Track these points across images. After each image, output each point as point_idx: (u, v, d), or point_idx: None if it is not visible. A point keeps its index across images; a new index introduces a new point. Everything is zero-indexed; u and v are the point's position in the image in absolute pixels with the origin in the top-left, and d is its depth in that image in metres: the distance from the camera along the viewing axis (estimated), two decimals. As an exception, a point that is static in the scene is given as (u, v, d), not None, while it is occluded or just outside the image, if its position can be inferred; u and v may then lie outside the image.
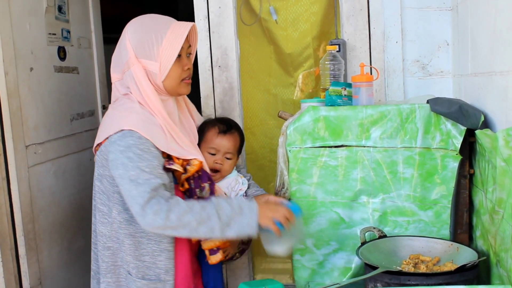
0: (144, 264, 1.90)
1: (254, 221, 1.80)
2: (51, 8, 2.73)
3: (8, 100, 2.35)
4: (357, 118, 2.03)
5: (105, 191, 1.91)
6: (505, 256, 1.59)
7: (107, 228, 1.92)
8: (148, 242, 1.89)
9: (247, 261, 2.70)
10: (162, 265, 1.90)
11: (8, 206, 2.40)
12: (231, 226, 1.78)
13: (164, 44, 1.87)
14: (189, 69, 1.96)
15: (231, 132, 2.16)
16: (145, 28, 1.91)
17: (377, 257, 1.83)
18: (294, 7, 2.78)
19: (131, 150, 1.78)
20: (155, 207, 1.74)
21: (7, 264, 2.40)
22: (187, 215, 1.76)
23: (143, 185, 1.75)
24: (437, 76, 2.50)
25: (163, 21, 1.94)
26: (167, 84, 1.92)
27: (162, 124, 1.89)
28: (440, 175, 1.98)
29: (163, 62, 1.88)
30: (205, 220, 1.76)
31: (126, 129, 1.81)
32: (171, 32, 1.89)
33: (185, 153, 1.92)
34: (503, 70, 1.71)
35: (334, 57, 2.26)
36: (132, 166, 1.77)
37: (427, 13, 2.47)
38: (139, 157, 1.78)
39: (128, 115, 1.86)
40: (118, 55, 1.96)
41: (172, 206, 1.75)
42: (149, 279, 1.90)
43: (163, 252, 1.90)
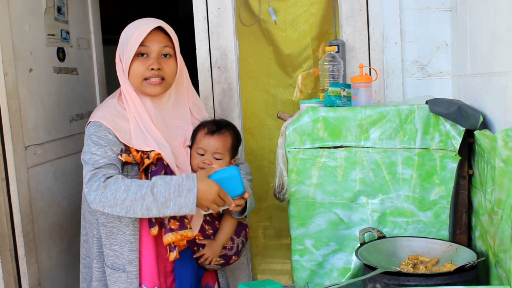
0: (114, 253, 2.01)
1: (192, 202, 1.83)
2: (50, 9, 2.73)
3: (8, 101, 2.35)
4: (356, 119, 2.03)
5: None
6: (504, 257, 1.59)
7: (92, 216, 2.05)
8: (117, 232, 1.99)
9: (246, 262, 2.70)
10: (126, 256, 1.99)
11: (8, 207, 2.40)
12: (168, 206, 1.82)
13: (129, 44, 1.98)
14: (154, 69, 1.99)
15: (220, 132, 2.12)
16: (127, 29, 2.04)
17: (376, 257, 1.83)
18: (293, 8, 2.79)
19: (90, 137, 1.94)
20: (94, 184, 1.85)
21: (6, 265, 2.39)
22: (122, 193, 1.83)
23: (90, 164, 1.89)
24: (436, 76, 2.50)
25: (142, 23, 2.02)
26: (132, 82, 2.02)
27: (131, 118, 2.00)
28: (439, 175, 1.98)
29: (125, 60, 2.01)
30: (139, 199, 1.82)
31: (93, 120, 1.98)
32: (139, 32, 1.98)
33: (144, 145, 1.98)
34: (502, 71, 1.71)
35: (333, 58, 2.26)
36: (88, 151, 1.92)
37: (426, 14, 2.47)
38: (94, 143, 1.92)
39: (99, 109, 2.04)
40: None
41: (109, 184, 1.85)
42: (117, 268, 2.01)
43: (126, 243, 1.99)
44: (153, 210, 1.83)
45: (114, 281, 2.01)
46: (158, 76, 2.00)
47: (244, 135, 2.75)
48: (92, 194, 1.85)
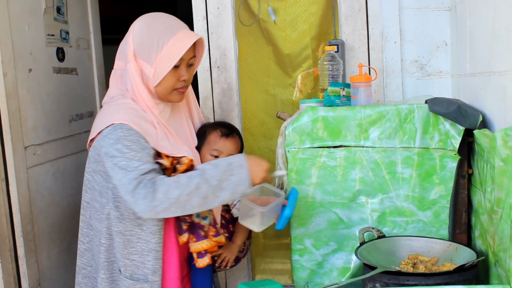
0: (133, 263, 1.89)
1: (246, 178, 1.76)
2: (49, 9, 2.73)
3: (7, 101, 2.35)
4: (356, 118, 2.03)
5: (97, 187, 1.90)
6: (504, 256, 1.59)
7: (101, 224, 1.91)
8: (137, 241, 1.88)
9: (246, 262, 2.70)
10: (150, 266, 1.89)
11: (7, 207, 2.40)
12: (223, 187, 1.74)
13: (163, 52, 1.85)
14: (185, 80, 1.93)
15: (233, 136, 2.15)
16: (151, 29, 1.89)
17: (376, 257, 1.83)
18: (293, 8, 2.79)
19: (121, 142, 1.78)
20: (142, 191, 1.72)
21: (6, 265, 2.39)
22: (174, 190, 1.72)
23: (132, 172, 1.74)
24: (436, 76, 2.50)
25: (171, 26, 1.91)
26: (159, 90, 1.90)
27: (154, 122, 1.89)
28: (438, 175, 1.98)
29: (158, 69, 1.86)
30: (194, 190, 1.73)
31: (117, 122, 1.81)
32: (174, 40, 1.86)
33: (175, 150, 1.90)
34: (501, 70, 1.71)
35: (332, 57, 2.26)
36: (121, 157, 1.77)
37: (426, 14, 2.48)
38: (128, 148, 1.77)
39: (119, 110, 1.86)
40: (124, 45, 1.94)
41: (157, 186, 1.73)
42: (136, 279, 1.89)
43: (151, 252, 1.88)
44: (210, 197, 1.74)
45: None
46: (186, 86, 1.96)
47: (244, 135, 2.75)
48: (142, 203, 1.72)
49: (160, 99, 1.94)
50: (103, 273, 1.93)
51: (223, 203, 1.80)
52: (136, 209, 1.75)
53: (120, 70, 1.96)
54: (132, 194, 1.73)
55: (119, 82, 1.96)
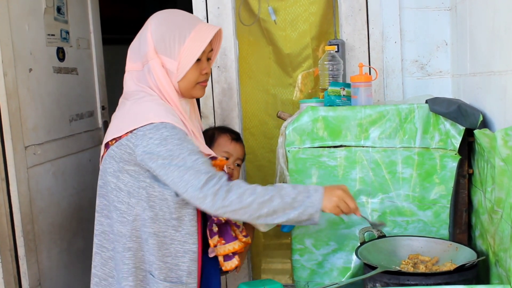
0: (166, 266, 1.82)
1: (319, 201, 1.73)
2: (50, 9, 2.73)
3: (7, 101, 2.35)
4: (356, 118, 2.03)
5: (124, 187, 1.80)
6: (504, 256, 1.59)
7: (126, 227, 1.81)
8: (171, 242, 1.82)
9: (246, 262, 2.70)
10: (185, 267, 1.83)
11: (8, 207, 2.40)
12: (294, 207, 1.71)
13: (186, 44, 1.80)
14: (207, 73, 1.89)
15: (240, 141, 2.23)
16: (170, 23, 1.83)
17: (376, 257, 1.83)
18: (293, 8, 2.79)
19: (168, 142, 1.72)
20: (215, 187, 1.68)
21: (7, 265, 2.39)
22: (247, 196, 1.69)
23: (193, 167, 1.69)
24: (436, 76, 2.50)
25: (189, 20, 1.86)
26: (182, 85, 1.84)
27: (182, 119, 1.84)
28: (439, 175, 1.98)
29: (182, 63, 1.81)
30: (267, 202, 1.70)
31: (157, 121, 1.74)
32: (195, 33, 1.81)
33: (207, 151, 1.88)
34: (501, 70, 1.71)
35: (333, 57, 2.26)
36: (174, 156, 1.70)
37: (426, 13, 2.48)
38: (178, 146, 1.72)
39: (154, 108, 1.78)
40: (137, 45, 1.87)
41: (233, 187, 1.70)
42: (170, 281, 1.82)
43: (187, 253, 1.83)
44: (279, 212, 1.71)
45: None
46: (207, 79, 1.92)
47: (244, 135, 2.75)
48: (211, 199, 1.67)
49: (183, 95, 1.89)
50: (131, 280, 1.82)
51: (287, 222, 1.75)
52: (205, 203, 1.69)
53: (136, 71, 1.87)
54: (200, 189, 1.68)
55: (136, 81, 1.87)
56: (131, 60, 1.89)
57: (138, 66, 1.86)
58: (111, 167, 1.81)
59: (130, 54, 1.90)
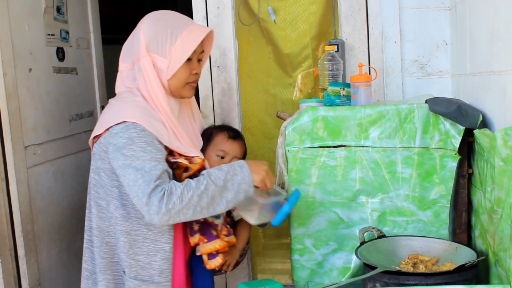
0: (138, 264, 1.86)
1: (248, 175, 1.79)
2: (49, 9, 2.73)
3: (7, 101, 2.35)
4: (356, 118, 2.03)
5: (103, 184, 1.86)
6: (504, 256, 1.59)
7: (105, 223, 1.88)
8: (143, 241, 1.85)
9: (246, 261, 2.70)
10: (156, 266, 1.86)
11: (7, 207, 2.40)
12: (228, 188, 1.76)
13: (177, 44, 1.84)
14: (197, 74, 1.93)
15: (240, 139, 2.17)
16: (162, 23, 1.88)
17: (376, 257, 1.83)
18: (293, 8, 2.79)
19: (134, 142, 1.75)
20: (158, 195, 1.70)
21: (6, 265, 2.39)
22: (186, 193, 1.72)
23: (149, 173, 1.72)
24: (436, 76, 2.50)
25: (182, 20, 1.91)
26: (172, 84, 1.88)
27: (164, 120, 1.87)
28: (439, 175, 1.98)
29: (172, 61, 1.85)
30: (204, 191, 1.73)
31: (129, 121, 1.78)
32: (187, 33, 1.86)
33: (187, 150, 1.90)
34: (501, 70, 1.71)
35: (332, 57, 2.26)
36: (135, 157, 1.74)
37: (426, 13, 2.48)
38: (142, 150, 1.75)
39: (131, 108, 1.83)
40: (130, 45, 1.92)
41: (171, 189, 1.72)
42: (141, 280, 1.86)
43: (159, 252, 1.85)
44: (217, 197, 1.74)
45: None
46: (196, 80, 1.96)
47: (244, 135, 2.73)
48: (156, 206, 1.69)
49: (172, 94, 1.92)
50: (108, 274, 1.90)
51: (229, 204, 1.78)
52: (151, 212, 1.70)
53: (126, 71, 1.93)
54: (148, 197, 1.70)
55: (126, 81, 1.93)
56: (123, 60, 1.94)
57: (129, 65, 1.91)
58: (94, 164, 1.89)
59: (122, 54, 1.95)
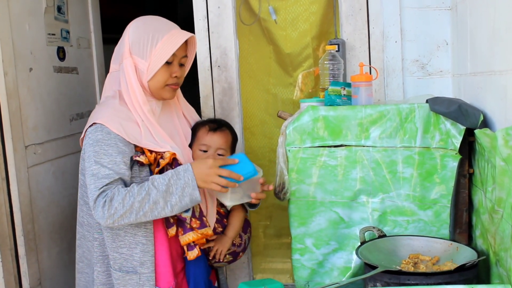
0: (122, 256, 1.97)
1: (192, 179, 1.85)
2: (50, 9, 2.73)
3: (8, 100, 2.35)
4: (357, 117, 2.03)
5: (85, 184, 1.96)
6: (505, 256, 1.59)
7: (93, 219, 2.00)
8: (125, 234, 1.96)
9: (246, 261, 2.70)
10: (137, 258, 1.96)
11: (8, 207, 2.40)
12: (171, 192, 1.84)
13: (158, 46, 1.95)
14: (177, 77, 2.02)
15: (221, 130, 2.19)
16: (146, 27, 1.99)
17: (376, 256, 1.83)
18: (293, 7, 2.78)
19: (98, 144, 1.88)
20: (102, 201, 1.83)
21: (7, 265, 2.40)
22: (128, 199, 1.82)
23: (100, 179, 1.85)
24: (437, 75, 2.50)
25: (165, 25, 2.02)
26: (151, 85, 1.99)
27: (139, 120, 1.96)
28: (439, 174, 1.98)
29: (152, 63, 1.96)
30: (146, 197, 1.83)
31: (98, 122, 1.91)
32: (168, 37, 1.96)
33: (158, 146, 1.97)
34: (502, 70, 1.71)
35: (333, 56, 2.26)
36: (95, 160, 1.87)
37: (426, 13, 2.47)
38: (104, 152, 1.88)
39: (103, 110, 1.96)
40: (118, 47, 2.04)
41: (114, 195, 1.83)
42: (126, 271, 1.96)
43: (138, 245, 1.96)
44: (160, 202, 1.83)
45: (123, 284, 1.96)
46: (178, 83, 2.05)
47: (244, 134, 2.75)
48: (100, 211, 1.83)
49: (153, 95, 2.03)
50: (99, 267, 2.02)
51: (174, 208, 1.86)
52: (97, 215, 1.85)
53: (115, 72, 2.05)
54: (94, 201, 1.84)
55: (113, 84, 2.05)
56: (113, 61, 2.08)
57: (117, 67, 2.04)
58: (81, 165, 2.02)
59: (113, 56, 2.08)
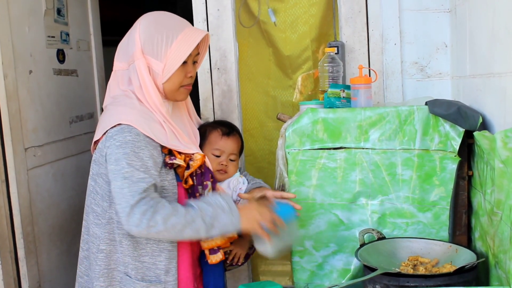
0: (144, 265, 1.86)
1: (236, 217, 1.80)
2: (50, 11, 2.73)
3: (7, 102, 2.35)
4: (356, 120, 2.03)
5: (99, 190, 1.86)
6: (504, 258, 1.59)
7: (101, 229, 1.87)
8: (147, 242, 1.85)
9: (246, 263, 2.70)
10: (162, 266, 1.86)
11: (7, 209, 2.40)
12: (215, 226, 1.78)
13: (173, 47, 1.84)
14: (192, 77, 1.92)
15: (234, 134, 2.14)
16: (158, 25, 1.86)
17: (376, 258, 1.83)
18: (293, 10, 2.79)
19: (128, 146, 1.75)
20: (143, 207, 1.71)
21: (6, 267, 2.39)
22: (173, 218, 1.74)
23: (136, 183, 1.73)
24: (436, 78, 2.50)
25: (178, 23, 1.90)
26: (167, 87, 1.88)
27: (161, 121, 1.86)
28: (438, 176, 1.98)
29: (168, 65, 1.84)
30: (190, 223, 1.75)
31: (124, 123, 1.78)
32: (183, 36, 1.85)
33: (186, 148, 1.89)
34: (501, 72, 1.71)
35: (332, 59, 2.27)
36: (126, 163, 1.74)
37: (426, 15, 2.48)
38: (135, 155, 1.75)
39: (126, 110, 1.82)
40: (125, 45, 1.91)
41: (159, 208, 1.73)
42: (148, 281, 1.86)
43: (163, 252, 1.86)
44: (201, 232, 1.78)
45: None
46: (191, 83, 1.95)
47: (244, 137, 2.73)
48: (138, 218, 1.70)
49: (167, 97, 1.92)
50: (102, 281, 1.88)
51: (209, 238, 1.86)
52: (127, 221, 1.73)
53: (121, 71, 1.91)
54: (131, 208, 1.71)
55: (121, 83, 1.92)
56: (118, 59, 1.93)
57: (124, 65, 1.90)
58: (92, 170, 1.90)
59: (118, 53, 1.94)
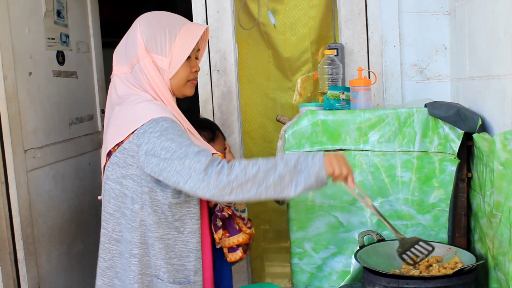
0: (174, 267, 1.82)
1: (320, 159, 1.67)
2: (50, 13, 2.73)
3: (7, 104, 2.35)
4: (355, 122, 2.03)
5: (128, 193, 1.78)
6: (503, 260, 1.60)
7: (132, 234, 1.80)
8: (175, 244, 1.81)
9: (245, 265, 2.70)
10: (191, 266, 1.84)
11: (7, 210, 2.40)
12: (299, 169, 1.66)
13: (177, 41, 1.82)
14: (197, 71, 1.92)
15: (218, 138, 2.17)
16: (159, 22, 1.85)
17: (375, 260, 1.84)
18: (293, 12, 2.80)
19: (169, 132, 1.70)
20: (218, 167, 1.64)
21: (6, 268, 2.39)
22: (251, 167, 1.65)
23: (197, 154, 1.66)
24: (435, 80, 2.50)
25: (177, 19, 1.89)
26: (174, 83, 1.85)
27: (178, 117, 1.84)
28: (438, 178, 1.98)
29: (174, 59, 1.82)
30: (272, 169, 1.65)
31: (156, 117, 1.73)
32: (185, 30, 1.84)
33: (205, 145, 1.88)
34: (500, 74, 1.71)
35: (332, 61, 2.27)
36: (176, 146, 1.68)
37: (425, 17, 2.48)
38: (180, 137, 1.70)
39: (151, 106, 1.78)
40: (124, 47, 1.87)
41: (234, 163, 1.66)
42: (179, 283, 1.83)
43: (191, 252, 1.83)
44: (286, 178, 1.64)
45: None
46: (196, 77, 1.94)
47: (244, 138, 2.75)
48: (214, 178, 1.62)
49: (174, 93, 1.89)
50: (136, 287, 1.80)
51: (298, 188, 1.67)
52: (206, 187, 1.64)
53: (124, 75, 1.86)
54: (204, 170, 1.63)
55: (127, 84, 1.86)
56: (119, 64, 1.88)
57: (127, 69, 1.85)
58: (114, 173, 1.79)
59: (117, 58, 1.90)
